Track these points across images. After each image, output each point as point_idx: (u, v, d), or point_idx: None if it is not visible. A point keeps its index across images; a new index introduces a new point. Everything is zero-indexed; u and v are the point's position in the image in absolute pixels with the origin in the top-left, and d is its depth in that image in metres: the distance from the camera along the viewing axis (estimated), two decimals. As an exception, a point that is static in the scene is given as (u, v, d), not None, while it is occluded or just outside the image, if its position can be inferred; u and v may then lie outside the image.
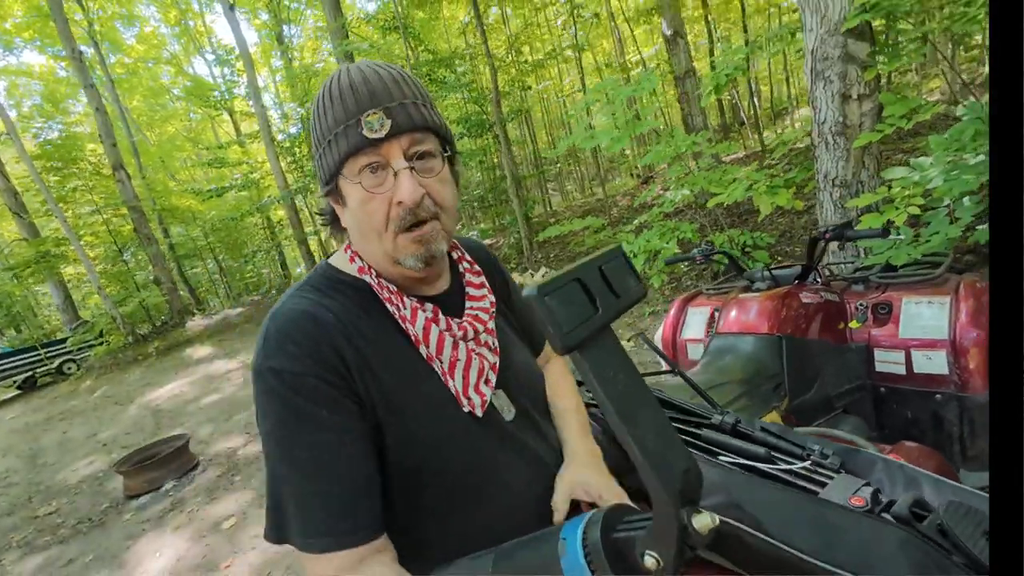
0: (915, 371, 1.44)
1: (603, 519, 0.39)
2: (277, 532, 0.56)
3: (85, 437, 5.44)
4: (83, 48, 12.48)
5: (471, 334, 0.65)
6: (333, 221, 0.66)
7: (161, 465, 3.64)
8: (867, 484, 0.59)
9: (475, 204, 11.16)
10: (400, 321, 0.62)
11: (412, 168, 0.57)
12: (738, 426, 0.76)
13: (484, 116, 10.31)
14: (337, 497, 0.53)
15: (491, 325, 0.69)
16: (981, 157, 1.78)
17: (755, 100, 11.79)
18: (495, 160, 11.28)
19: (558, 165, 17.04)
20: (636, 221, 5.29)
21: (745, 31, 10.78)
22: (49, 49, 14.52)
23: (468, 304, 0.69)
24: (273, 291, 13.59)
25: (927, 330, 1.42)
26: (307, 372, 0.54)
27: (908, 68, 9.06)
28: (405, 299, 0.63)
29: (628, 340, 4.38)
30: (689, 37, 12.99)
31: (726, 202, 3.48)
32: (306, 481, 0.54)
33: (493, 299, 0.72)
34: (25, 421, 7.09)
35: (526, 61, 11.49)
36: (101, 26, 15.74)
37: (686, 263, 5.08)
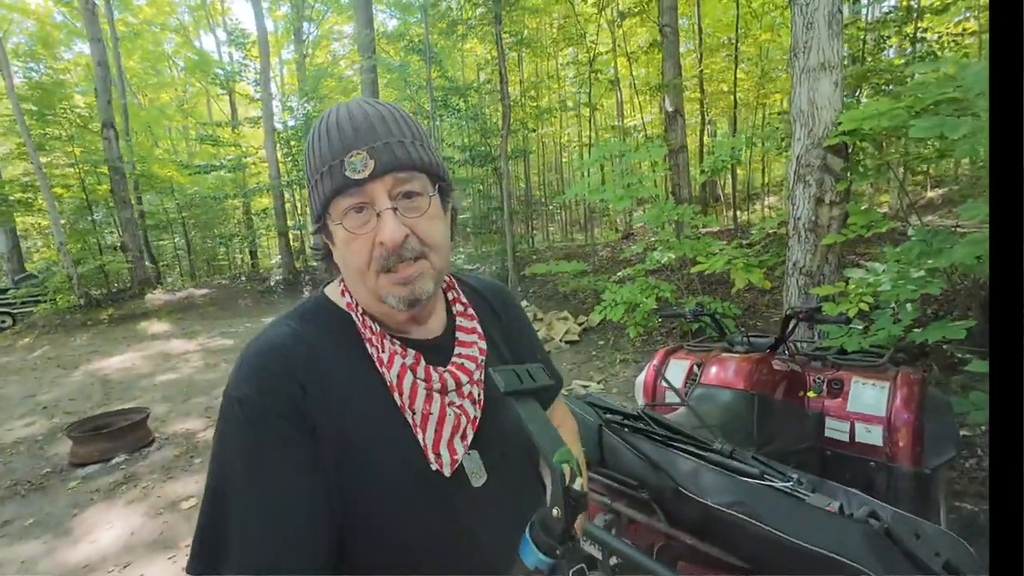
0: (856, 440, 1.71)
1: (542, 511, 0.49)
2: (209, 557, 0.52)
3: (22, 397, 5.13)
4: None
5: (451, 385, 0.61)
6: (326, 256, 0.64)
7: (115, 437, 3.53)
8: (835, 500, 0.81)
9: (466, 228, 11.40)
10: (377, 364, 0.60)
11: (395, 209, 0.56)
12: (734, 453, 0.98)
13: (488, 148, 10.73)
14: (283, 536, 0.51)
15: (478, 376, 0.65)
16: (922, 272, 2.17)
17: (732, 181, 12.77)
18: (491, 190, 11.65)
19: (547, 207, 17.62)
20: (620, 273, 5.64)
21: (734, 121, 11.78)
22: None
23: (456, 351, 0.66)
24: (242, 277, 13.20)
25: (869, 407, 1.71)
26: (270, 410, 0.53)
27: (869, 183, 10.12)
28: (386, 342, 0.61)
29: (597, 382, 4.63)
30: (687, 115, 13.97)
31: (708, 271, 3.85)
32: (253, 514, 0.51)
33: (484, 346, 0.68)
34: (-50, 370, 6.58)
35: (536, 106, 12.09)
36: (115, -17, 15.57)
37: (660, 315, 5.42)
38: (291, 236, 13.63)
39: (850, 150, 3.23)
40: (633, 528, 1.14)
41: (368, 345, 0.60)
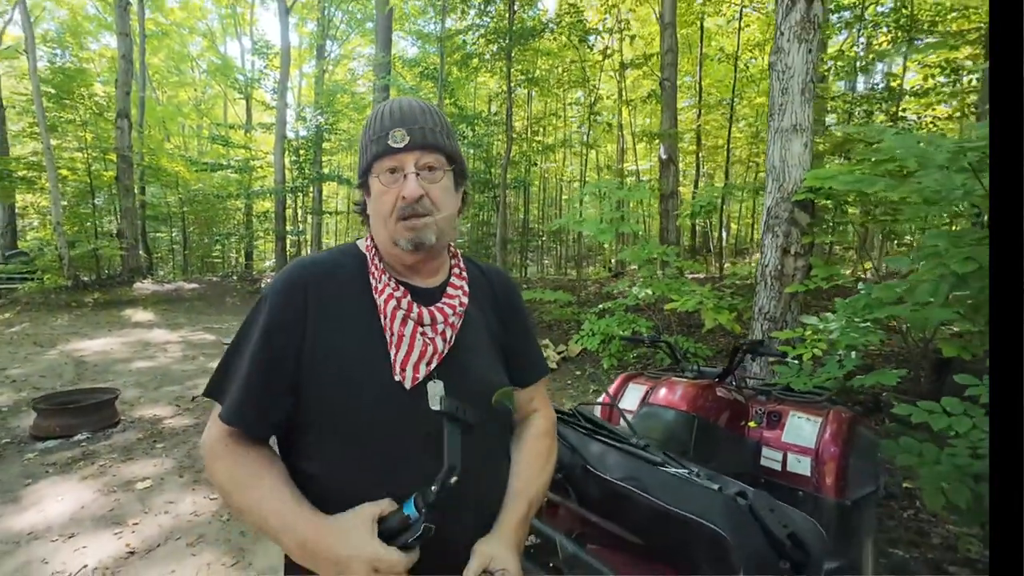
0: (788, 469, 1.81)
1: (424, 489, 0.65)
2: (215, 388, 0.74)
3: (-7, 368, 5.10)
4: None
5: (427, 320, 0.74)
6: (363, 210, 0.82)
7: (80, 414, 3.54)
8: (717, 484, 0.92)
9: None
10: (374, 292, 0.75)
11: (418, 174, 0.73)
12: (647, 448, 1.09)
13: (488, 176, 11.05)
14: (248, 394, 0.70)
15: (453, 320, 0.76)
16: (868, 324, 2.32)
17: (724, 234, 13.16)
18: (489, 217, 11.90)
19: (543, 239, 17.93)
20: (600, 306, 5.79)
21: (726, 176, 12.25)
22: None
23: (442, 299, 0.79)
24: (234, 276, 13.24)
25: (801, 439, 1.82)
26: (276, 307, 0.73)
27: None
28: (385, 276, 0.76)
29: (568, 409, 4.68)
30: (681, 164, 14.52)
31: (679, 309, 3.99)
32: (246, 372, 0.71)
33: (465, 300, 0.80)
34: (-76, 336, 6.51)
35: (539, 141, 12.54)
36: (151, -17, 16.20)
37: (635, 349, 5.52)
38: (288, 241, 13.77)
39: (815, 206, 3.44)
40: (552, 513, 1.24)
41: (371, 277, 0.76)
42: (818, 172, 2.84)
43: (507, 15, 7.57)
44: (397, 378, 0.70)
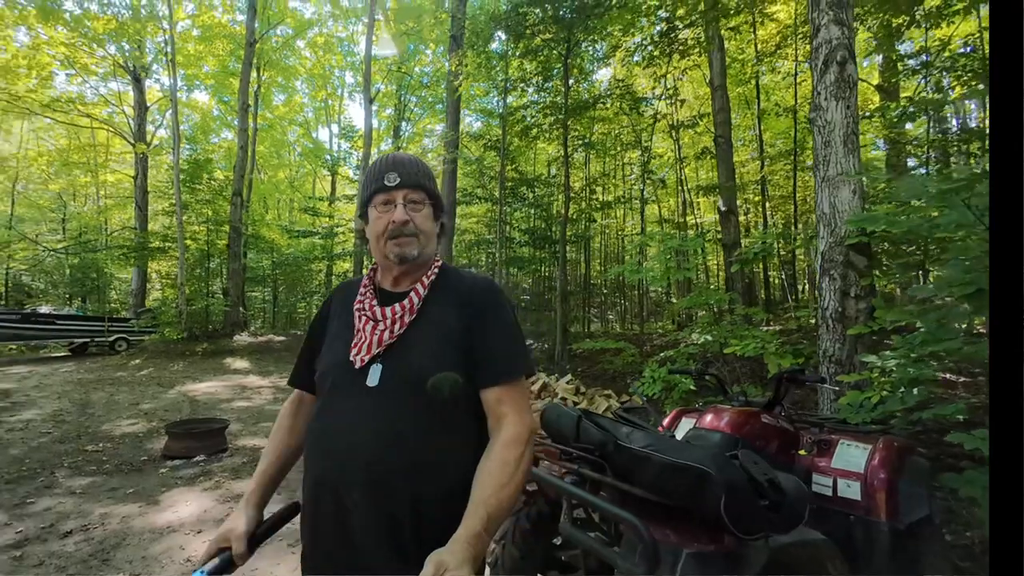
0: (838, 494, 1.87)
1: None
2: (294, 374, 1.09)
3: (129, 403, 6.03)
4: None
5: (379, 316, 0.94)
6: (362, 237, 1.06)
7: (200, 439, 4.14)
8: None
9: (522, 305, 12.04)
10: (355, 302, 1.00)
11: (405, 205, 0.95)
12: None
13: (549, 233, 11.62)
14: (301, 361, 1.07)
15: (402, 316, 0.94)
16: (923, 359, 2.33)
17: (798, 286, 12.60)
18: (549, 273, 12.34)
19: (605, 292, 18.03)
20: (661, 354, 5.83)
21: (795, 223, 11.95)
22: (225, 98, 17.85)
23: (399, 301, 0.97)
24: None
25: (850, 464, 1.88)
26: (321, 309, 1.10)
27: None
28: (367, 291, 1.00)
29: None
30: (751, 215, 14.38)
31: (738, 353, 4.02)
32: (300, 352, 1.08)
33: (416, 301, 0.95)
34: (79, 377, 7.81)
35: (597, 199, 13.08)
36: (263, 88, 19.41)
37: (698, 395, 5.43)
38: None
39: (871, 249, 3.48)
40: (594, 491, 1.46)
41: (361, 289, 1.02)
42: (861, 216, 2.95)
43: (563, 90, 8.39)
44: (352, 360, 0.92)
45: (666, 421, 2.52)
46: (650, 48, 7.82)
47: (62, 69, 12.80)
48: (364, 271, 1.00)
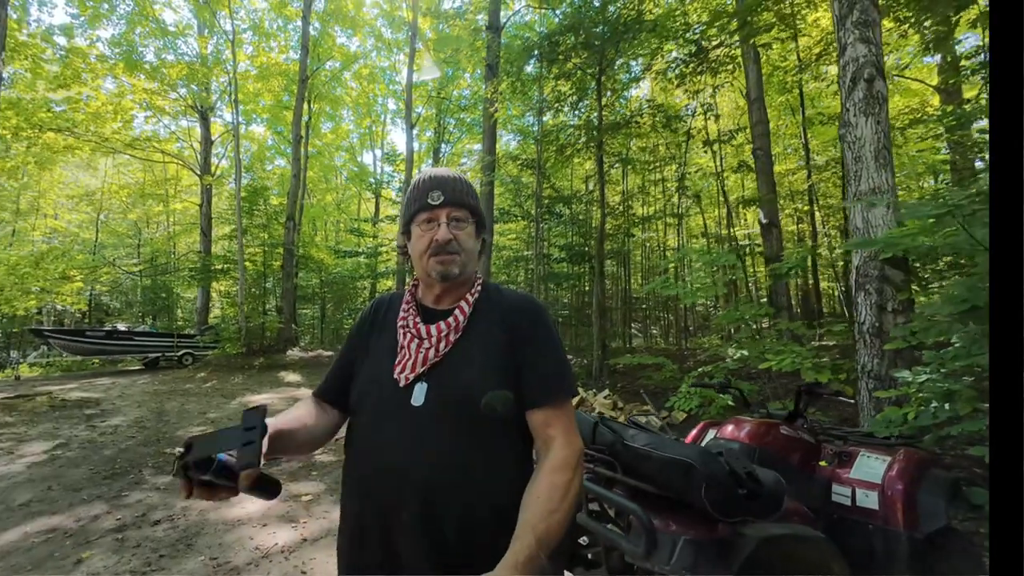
0: (857, 504, 1.92)
1: None
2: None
3: (198, 412, 6.61)
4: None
5: (424, 335, 0.92)
6: (404, 253, 1.02)
7: (261, 445, 4.53)
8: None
9: (559, 320, 12.16)
10: (398, 318, 0.98)
11: (448, 223, 0.93)
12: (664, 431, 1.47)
13: (586, 249, 11.74)
14: (333, 375, 1.01)
15: (447, 334, 0.92)
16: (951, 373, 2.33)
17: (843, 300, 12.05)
18: (588, 287, 12.42)
19: (646, 307, 17.83)
20: (699, 370, 5.81)
21: (846, 234, 11.50)
22: (279, 128, 19.22)
23: (444, 319, 0.94)
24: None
25: (868, 475, 1.93)
26: (358, 323, 1.05)
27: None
28: (410, 307, 0.97)
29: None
30: (802, 224, 13.92)
31: (774, 368, 4.02)
32: (333, 363, 1.04)
33: (461, 319, 0.93)
34: (153, 389, 8.61)
35: (634, 214, 13.11)
36: (313, 118, 20.78)
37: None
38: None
39: (908, 263, 3.43)
40: (608, 487, 1.61)
41: (404, 305, 1.00)
42: (892, 232, 2.96)
43: (597, 108, 8.60)
44: (396, 378, 0.90)
45: (693, 432, 2.62)
46: (681, 67, 7.93)
47: (141, 111, 14.27)
48: (405, 287, 1.05)
